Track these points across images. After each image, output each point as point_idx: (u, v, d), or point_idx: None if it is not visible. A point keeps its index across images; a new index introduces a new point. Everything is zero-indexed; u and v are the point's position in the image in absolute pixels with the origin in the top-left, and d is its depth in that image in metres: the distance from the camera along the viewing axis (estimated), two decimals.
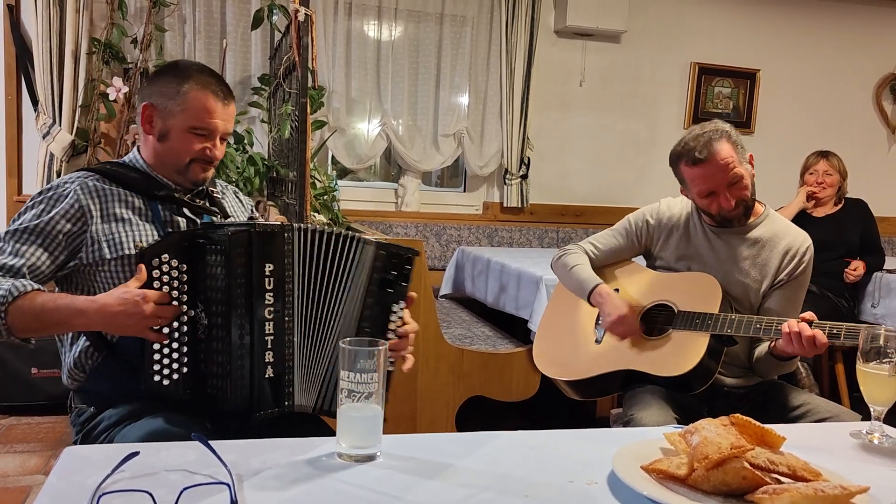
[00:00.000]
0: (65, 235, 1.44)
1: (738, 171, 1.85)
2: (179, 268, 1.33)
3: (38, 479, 2.54)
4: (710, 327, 1.84)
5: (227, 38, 3.73)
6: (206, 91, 1.52)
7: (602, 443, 1.17)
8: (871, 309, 3.46)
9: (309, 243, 1.37)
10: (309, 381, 1.37)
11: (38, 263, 1.42)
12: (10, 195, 3.64)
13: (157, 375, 1.33)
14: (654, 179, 4.53)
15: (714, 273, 1.94)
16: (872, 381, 1.29)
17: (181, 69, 1.56)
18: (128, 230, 1.48)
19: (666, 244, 2.05)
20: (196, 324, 1.34)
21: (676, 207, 2.07)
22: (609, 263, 2.14)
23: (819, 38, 4.71)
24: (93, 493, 0.89)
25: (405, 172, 4.21)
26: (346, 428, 1.06)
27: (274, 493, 0.94)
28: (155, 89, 1.55)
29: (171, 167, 1.56)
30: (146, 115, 1.54)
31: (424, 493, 0.97)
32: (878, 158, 4.88)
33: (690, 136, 1.89)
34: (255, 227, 1.32)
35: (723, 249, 1.96)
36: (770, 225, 1.97)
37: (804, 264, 1.93)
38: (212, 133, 1.54)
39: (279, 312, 1.33)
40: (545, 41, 4.25)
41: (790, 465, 0.99)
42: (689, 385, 1.86)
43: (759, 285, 1.93)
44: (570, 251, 2.15)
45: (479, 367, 2.86)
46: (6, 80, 3.59)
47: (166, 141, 1.54)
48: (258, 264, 1.31)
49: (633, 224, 2.11)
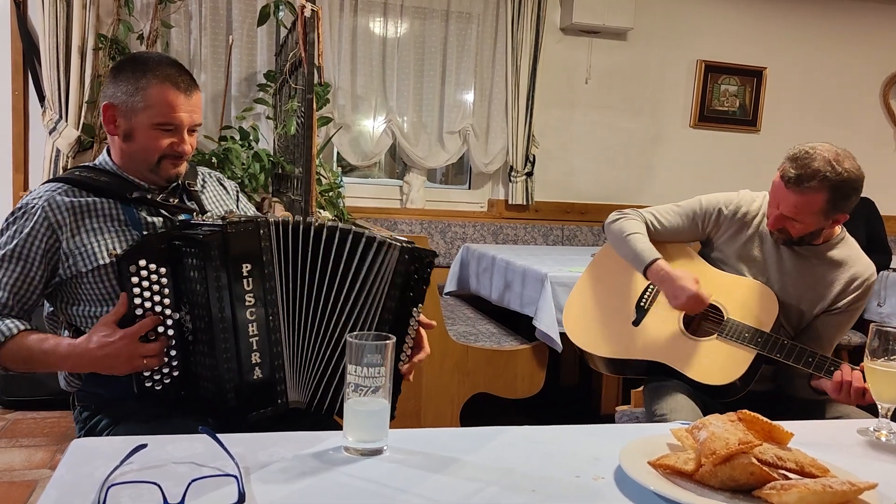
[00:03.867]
0: (42, 254, 1.41)
1: (804, 220, 1.75)
2: (158, 272, 1.30)
3: (44, 473, 2.55)
4: (761, 346, 1.76)
5: (233, 35, 3.73)
6: (166, 84, 1.44)
7: (609, 438, 1.17)
8: (877, 307, 3.45)
9: (291, 238, 1.33)
10: (304, 379, 1.35)
11: (21, 291, 1.40)
12: (17, 191, 3.65)
13: (148, 381, 1.33)
14: (660, 177, 4.52)
15: (773, 283, 1.85)
16: (880, 378, 1.29)
17: (138, 63, 1.47)
18: (100, 239, 1.43)
19: (732, 239, 1.93)
20: (182, 327, 1.33)
21: (755, 204, 1.93)
22: (665, 241, 2.00)
23: (826, 36, 4.69)
24: (101, 484, 0.89)
25: (410, 169, 4.21)
26: (352, 422, 1.06)
27: (281, 485, 0.94)
28: (115, 88, 1.47)
29: (142, 166, 1.49)
30: (108, 116, 1.47)
31: (431, 487, 0.97)
32: (884, 157, 4.86)
33: (810, 157, 1.71)
34: (227, 228, 1.27)
35: (790, 262, 1.86)
36: (844, 249, 1.86)
37: (866, 297, 1.84)
38: (178, 127, 1.46)
39: (262, 312, 1.30)
40: (551, 38, 4.24)
41: (798, 461, 0.98)
42: (722, 393, 1.80)
43: (814, 306, 1.85)
44: (629, 216, 2.00)
45: (484, 364, 2.86)
46: (13, 76, 3.60)
47: (132, 140, 1.47)
48: (234, 265, 1.28)
49: (703, 208, 1.96)
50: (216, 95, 3.73)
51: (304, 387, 1.36)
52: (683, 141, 4.56)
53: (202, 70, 3.72)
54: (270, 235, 1.32)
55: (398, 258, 1.33)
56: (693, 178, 4.45)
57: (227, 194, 1.70)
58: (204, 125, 3.72)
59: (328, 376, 1.35)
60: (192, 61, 3.72)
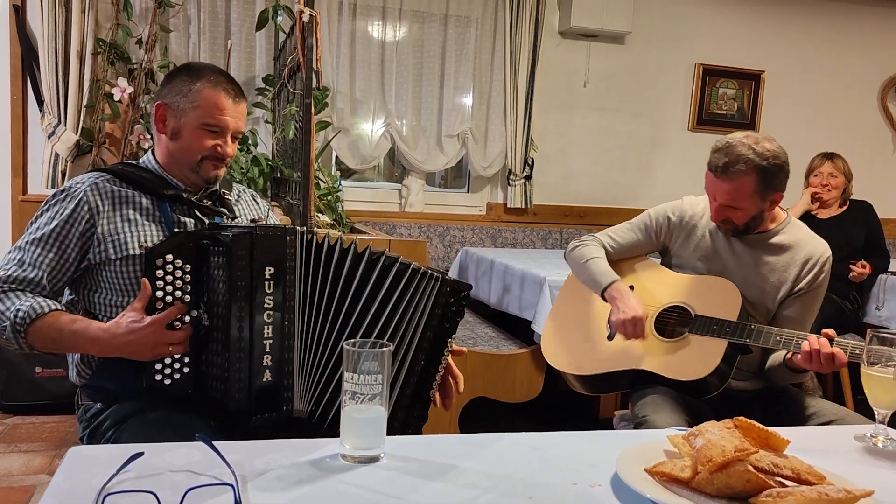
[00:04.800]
0: (78, 237, 1.47)
1: (742, 204, 1.84)
2: (183, 268, 1.34)
3: (42, 478, 2.55)
4: (730, 335, 1.81)
5: (232, 39, 3.74)
6: (217, 88, 1.55)
7: (606, 445, 1.17)
8: (875, 311, 3.45)
9: (315, 252, 1.36)
10: (311, 389, 1.36)
11: (55, 271, 1.45)
12: (16, 195, 3.65)
13: (158, 375, 1.35)
14: (658, 181, 4.53)
15: (732, 276, 1.92)
16: (877, 384, 1.29)
17: (193, 69, 1.59)
18: (133, 231, 1.49)
19: (685, 243, 2.01)
20: (199, 324, 1.35)
21: (699, 206, 2.03)
22: (624, 258, 2.10)
23: (824, 39, 4.70)
24: (98, 493, 0.89)
25: (409, 173, 4.21)
26: (349, 429, 1.06)
27: (278, 493, 0.94)
28: (168, 89, 1.58)
29: (184, 165, 1.58)
30: (159, 114, 1.57)
31: (428, 494, 0.97)
32: (883, 160, 4.86)
33: (731, 145, 1.83)
34: (258, 230, 1.32)
35: (743, 253, 1.94)
36: (792, 232, 1.94)
37: (823, 274, 1.90)
38: (223, 130, 1.56)
39: (279, 317, 1.33)
40: (549, 42, 4.25)
41: (794, 468, 0.99)
42: (702, 390, 1.84)
43: (776, 291, 1.91)
44: (587, 243, 2.10)
45: (483, 369, 2.86)
46: (12, 81, 3.60)
47: (178, 139, 1.56)
48: (259, 266, 1.31)
49: (653, 220, 2.06)
50: None
51: (310, 397, 1.37)
52: (682, 144, 4.57)
53: None
54: (296, 245, 1.36)
55: (439, 290, 1.36)
56: (691, 180, 4.43)
57: (258, 209, 1.77)
58: None
59: (333, 390, 1.36)
60: None
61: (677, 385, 1.85)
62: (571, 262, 2.14)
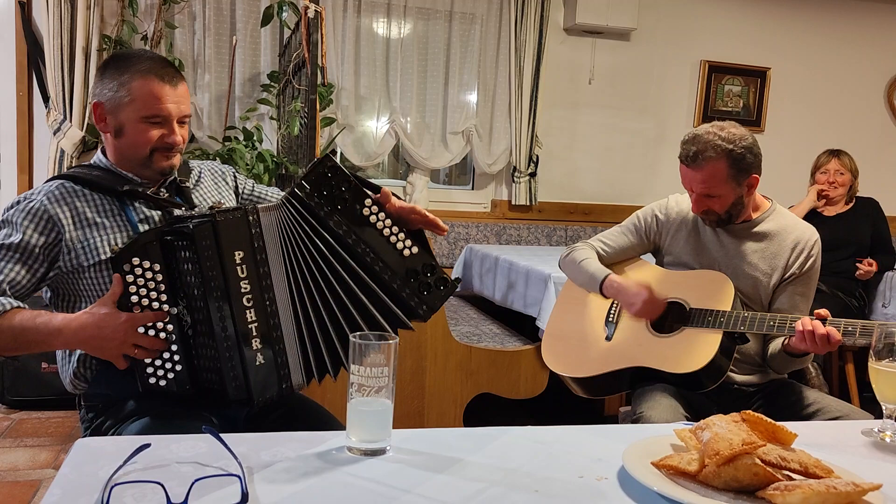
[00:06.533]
0: (41, 248, 1.40)
1: (718, 191, 1.87)
2: (153, 268, 1.31)
3: (47, 472, 2.56)
4: (724, 325, 1.84)
5: (237, 35, 3.74)
6: (149, 76, 1.44)
7: (612, 439, 1.17)
8: (881, 308, 3.44)
9: (279, 219, 1.34)
10: (303, 357, 1.36)
11: (17, 279, 1.38)
12: (22, 191, 3.65)
13: (151, 378, 1.33)
14: (664, 177, 4.51)
15: (723, 268, 1.94)
16: (885, 378, 1.28)
17: (120, 59, 1.48)
18: (101, 234, 1.43)
19: (675, 240, 2.05)
20: (181, 321, 1.33)
21: (685, 203, 2.06)
22: (618, 261, 2.13)
23: (830, 36, 4.68)
24: (105, 484, 0.89)
25: (414, 170, 4.21)
26: (356, 422, 1.06)
27: (284, 485, 0.94)
28: (101, 86, 1.48)
29: (134, 161, 1.49)
30: (98, 114, 1.49)
31: (434, 487, 0.97)
32: (889, 157, 4.84)
33: (698, 135, 1.88)
34: (217, 216, 1.28)
35: (731, 244, 1.96)
36: (778, 219, 1.97)
37: (813, 258, 1.93)
38: (166, 119, 1.46)
39: (259, 297, 1.30)
40: (554, 39, 4.24)
41: (802, 461, 0.98)
42: (701, 383, 1.85)
43: (768, 279, 1.93)
44: (578, 248, 2.15)
45: (487, 365, 2.86)
46: (18, 77, 3.61)
47: (123, 135, 1.47)
48: (227, 253, 1.28)
49: (641, 220, 2.10)
50: (220, 96, 3.74)
51: (306, 368, 1.36)
52: None
53: (206, 70, 3.73)
54: (259, 221, 1.32)
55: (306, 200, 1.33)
56: None
57: (223, 181, 1.68)
58: (208, 125, 3.74)
59: (329, 352, 1.35)
60: (196, 62, 3.72)
61: (676, 380, 1.87)
62: (566, 268, 2.18)
